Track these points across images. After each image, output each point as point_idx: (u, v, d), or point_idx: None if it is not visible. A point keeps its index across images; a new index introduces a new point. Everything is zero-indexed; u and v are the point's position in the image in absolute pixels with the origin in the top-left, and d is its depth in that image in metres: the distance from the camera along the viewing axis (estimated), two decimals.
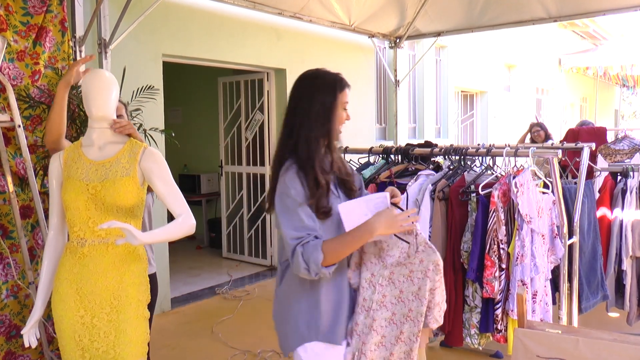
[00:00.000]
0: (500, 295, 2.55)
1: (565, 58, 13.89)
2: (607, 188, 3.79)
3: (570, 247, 3.00)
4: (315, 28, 6.53)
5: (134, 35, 4.61)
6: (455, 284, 2.70)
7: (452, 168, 3.02)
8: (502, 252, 2.53)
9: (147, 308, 2.36)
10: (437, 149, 3.08)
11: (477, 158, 3.09)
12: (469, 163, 3.08)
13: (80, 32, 4.11)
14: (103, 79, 2.33)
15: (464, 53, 10.33)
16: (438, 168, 3.16)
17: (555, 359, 1.85)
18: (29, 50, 3.61)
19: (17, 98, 3.46)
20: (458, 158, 3.03)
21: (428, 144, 3.28)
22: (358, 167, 3.54)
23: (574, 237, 3.04)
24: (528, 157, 2.75)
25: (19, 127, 3.37)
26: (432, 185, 2.78)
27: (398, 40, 7.26)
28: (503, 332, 2.58)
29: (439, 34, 7.02)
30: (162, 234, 2.26)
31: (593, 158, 4.12)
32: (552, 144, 4.50)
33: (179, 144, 4.78)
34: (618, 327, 4.16)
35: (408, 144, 3.31)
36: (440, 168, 3.15)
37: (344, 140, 2.29)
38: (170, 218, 2.36)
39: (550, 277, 2.83)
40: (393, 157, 3.28)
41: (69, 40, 3.90)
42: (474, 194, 2.69)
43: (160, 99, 4.96)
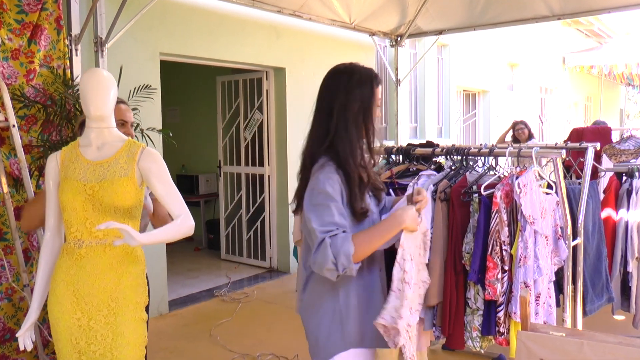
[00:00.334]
0: (503, 298, 2.55)
1: (569, 56, 13.90)
2: (612, 189, 3.80)
3: (575, 248, 3.00)
4: (315, 26, 6.54)
5: (131, 34, 4.61)
6: (457, 286, 2.70)
7: (454, 168, 3.02)
8: (504, 253, 2.53)
9: (145, 310, 2.36)
10: (438, 149, 3.08)
11: (479, 158, 3.09)
12: (471, 163, 3.09)
13: (76, 30, 4.12)
14: (101, 78, 2.33)
15: (466, 51, 10.34)
16: (440, 168, 3.16)
17: None
18: (24, 49, 3.61)
19: (11, 97, 3.47)
20: (460, 158, 3.03)
21: (429, 144, 3.28)
22: None
23: (578, 238, 3.05)
24: (531, 157, 2.75)
25: (14, 127, 3.37)
26: (433, 186, 2.78)
27: (399, 39, 7.27)
28: (505, 334, 2.58)
29: (441, 32, 7.03)
30: (160, 235, 2.27)
31: (598, 158, 4.12)
32: (543, 144, 4.49)
33: (177, 144, 4.79)
34: (624, 330, 4.16)
35: (409, 144, 3.31)
36: (442, 168, 3.15)
37: None
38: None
39: (554, 279, 2.83)
40: (394, 157, 3.28)
41: (65, 39, 3.91)
42: (476, 195, 2.69)
43: (158, 99, 4.97)
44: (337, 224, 1.85)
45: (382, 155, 3.46)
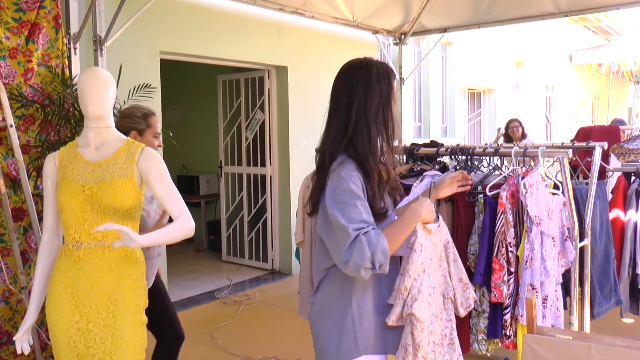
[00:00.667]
0: (509, 300, 2.55)
1: (577, 54, 13.87)
2: (620, 189, 3.79)
3: (582, 250, 2.99)
4: (318, 24, 6.54)
5: (131, 32, 4.62)
6: None
7: (458, 168, 3.02)
8: (510, 255, 2.53)
9: (144, 313, 2.36)
10: (443, 149, 3.08)
11: (484, 158, 3.09)
12: (476, 163, 3.08)
13: (75, 28, 4.12)
14: (99, 77, 2.33)
15: (471, 49, 10.33)
16: (444, 168, 3.16)
17: None
18: (22, 48, 3.62)
19: (9, 97, 3.48)
20: (465, 158, 3.03)
21: (434, 144, 3.28)
22: None
23: (586, 239, 3.04)
24: (538, 156, 2.75)
25: (11, 126, 3.38)
26: None
27: (403, 37, 7.27)
28: (512, 338, 2.58)
29: (445, 30, 7.02)
30: (160, 237, 2.27)
31: (605, 158, 4.10)
32: (532, 142, 4.48)
33: (177, 144, 4.79)
34: (632, 333, 4.15)
35: (413, 144, 3.31)
36: (447, 168, 3.15)
37: None
38: (169, 220, 2.36)
39: (561, 281, 2.83)
40: (398, 157, 3.28)
41: (63, 37, 3.92)
42: (481, 195, 2.69)
43: (158, 98, 4.97)
44: (366, 222, 1.82)
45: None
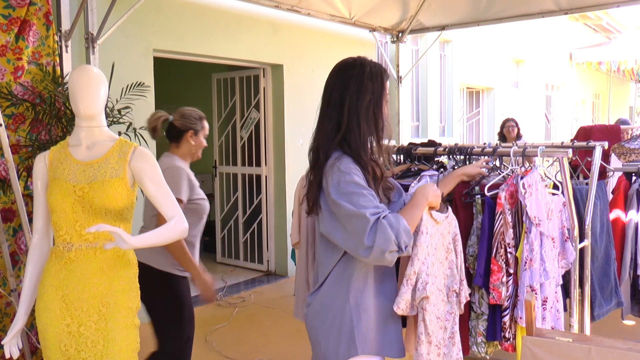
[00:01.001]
0: (508, 302, 2.55)
1: (577, 52, 13.88)
2: (621, 189, 3.79)
3: (582, 251, 3.00)
4: (314, 22, 6.54)
5: (123, 30, 4.61)
6: None
7: (456, 168, 3.02)
8: (509, 256, 2.53)
9: (137, 316, 2.36)
10: (440, 149, 3.07)
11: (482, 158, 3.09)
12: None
13: (67, 25, 4.11)
14: (91, 76, 2.33)
15: (470, 48, 10.34)
16: (442, 168, 3.17)
17: None
18: (11, 45, 3.61)
19: None
20: (463, 158, 3.03)
21: (431, 143, 3.28)
22: None
23: (586, 240, 3.04)
24: (537, 156, 2.75)
25: (0, 126, 3.37)
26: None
27: (400, 35, 7.27)
28: (511, 340, 2.57)
29: (444, 28, 7.03)
30: (153, 238, 2.26)
31: (606, 157, 4.11)
32: (525, 143, 4.49)
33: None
34: (633, 335, 4.16)
35: (411, 143, 3.31)
36: (445, 168, 3.15)
37: None
38: None
39: (561, 282, 2.83)
40: (395, 157, 3.28)
41: (54, 35, 3.91)
42: (479, 196, 2.69)
43: (151, 97, 4.97)
44: (379, 207, 1.86)
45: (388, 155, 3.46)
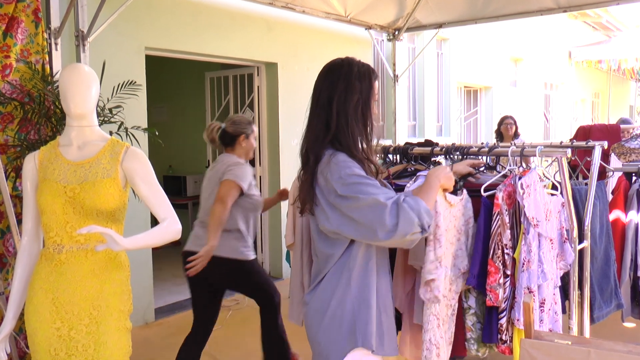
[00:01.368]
0: (505, 304, 2.56)
1: (576, 51, 13.94)
2: (620, 189, 3.80)
3: (581, 252, 3.01)
4: (309, 19, 6.54)
5: (115, 27, 4.60)
6: None
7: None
8: (506, 257, 2.53)
9: (129, 319, 2.36)
10: (437, 148, 3.08)
11: (480, 158, 3.10)
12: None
13: (56, 23, 4.10)
14: (82, 74, 2.33)
15: (467, 46, 10.36)
16: None
17: None
18: None
19: None
20: (460, 158, 3.04)
21: (428, 143, 3.28)
22: None
23: (585, 241, 3.05)
24: (536, 156, 2.76)
25: None
26: None
27: (397, 32, 7.28)
28: (508, 342, 2.58)
29: (441, 26, 7.04)
30: (145, 240, 2.26)
31: (606, 157, 4.12)
32: (524, 142, 4.50)
33: (164, 144, 4.77)
34: (633, 338, 4.17)
35: (407, 143, 3.31)
36: None
37: None
38: (154, 222, 2.36)
39: (560, 284, 2.84)
40: (391, 157, 3.29)
41: (44, 32, 3.90)
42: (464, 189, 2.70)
43: (143, 96, 4.96)
44: (389, 192, 1.93)
45: (378, 155, 3.47)
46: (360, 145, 2.05)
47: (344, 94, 2.02)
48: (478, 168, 2.80)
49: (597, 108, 17.55)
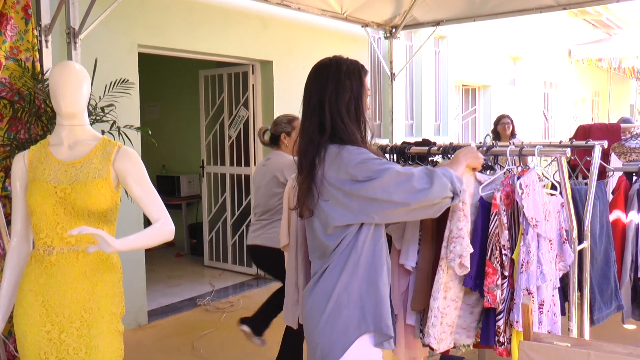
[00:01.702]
0: (503, 305, 2.56)
1: (576, 49, 13.96)
2: (621, 189, 3.80)
3: (581, 253, 3.01)
4: (304, 17, 6.54)
5: (107, 24, 4.59)
6: None
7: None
8: (504, 258, 2.54)
9: (121, 322, 2.35)
10: (435, 148, 3.08)
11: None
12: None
13: (47, 20, 4.09)
14: (72, 72, 2.32)
15: (465, 44, 10.38)
16: None
17: None
18: None
19: None
20: None
21: (426, 142, 3.28)
22: None
23: (585, 242, 3.06)
24: (534, 155, 2.76)
25: None
26: None
27: (394, 30, 7.28)
28: (506, 344, 2.58)
29: (438, 23, 7.05)
30: (138, 241, 2.25)
31: (606, 157, 4.12)
32: (522, 142, 4.50)
33: (157, 143, 4.77)
34: (634, 340, 4.18)
35: (404, 143, 3.31)
36: None
37: None
38: (147, 223, 2.35)
39: (559, 285, 2.84)
40: (388, 156, 3.28)
41: (34, 29, 3.89)
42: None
43: (136, 94, 4.95)
44: (410, 168, 2.02)
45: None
46: (358, 142, 2.08)
47: (335, 94, 2.04)
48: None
49: (597, 107, 17.60)
